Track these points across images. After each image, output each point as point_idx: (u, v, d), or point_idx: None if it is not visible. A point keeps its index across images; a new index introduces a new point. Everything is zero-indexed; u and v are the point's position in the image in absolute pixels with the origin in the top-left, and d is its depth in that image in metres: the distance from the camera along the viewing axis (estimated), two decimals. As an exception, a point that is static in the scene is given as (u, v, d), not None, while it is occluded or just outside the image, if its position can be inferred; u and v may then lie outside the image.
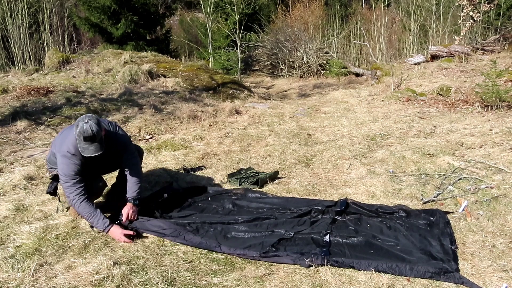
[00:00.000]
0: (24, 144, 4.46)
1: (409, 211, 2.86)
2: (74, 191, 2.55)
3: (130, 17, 12.34)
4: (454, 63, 9.35)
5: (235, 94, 7.71)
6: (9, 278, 2.14)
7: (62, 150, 2.59)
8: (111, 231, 2.56)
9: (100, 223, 2.57)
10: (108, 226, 2.57)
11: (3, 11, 10.96)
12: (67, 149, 2.57)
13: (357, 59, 15.12)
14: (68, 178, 2.56)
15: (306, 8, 17.38)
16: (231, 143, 4.86)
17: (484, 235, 2.59)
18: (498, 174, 3.50)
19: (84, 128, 2.42)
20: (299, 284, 2.15)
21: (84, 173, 2.64)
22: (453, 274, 2.14)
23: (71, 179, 2.56)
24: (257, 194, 3.26)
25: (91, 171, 2.73)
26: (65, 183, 2.57)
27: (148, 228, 2.63)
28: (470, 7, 9.92)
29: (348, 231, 2.61)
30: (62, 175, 2.58)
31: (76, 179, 2.57)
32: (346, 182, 3.60)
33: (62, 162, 2.57)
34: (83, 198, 2.56)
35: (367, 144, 4.75)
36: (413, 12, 13.53)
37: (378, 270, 2.21)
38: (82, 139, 2.44)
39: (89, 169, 2.68)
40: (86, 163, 2.62)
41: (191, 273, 2.25)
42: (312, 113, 6.75)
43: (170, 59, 9.53)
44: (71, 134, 2.57)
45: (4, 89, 6.31)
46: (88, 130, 2.42)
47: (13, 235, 2.60)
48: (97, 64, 8.16)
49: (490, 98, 5.70)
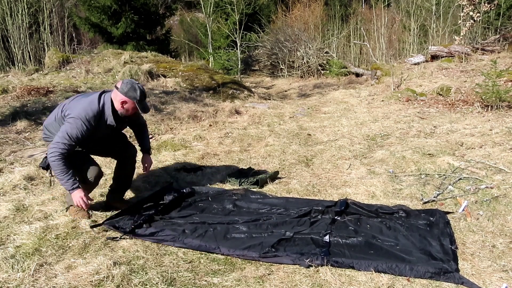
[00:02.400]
0: (24, 144, 4.46)
1: (409, 211, 2.86)
2: (60, 149, 2.51)
3: (130, 17, 12.34)
4: (454, 63, 9.35)
5: (235, 94, 7.71)
6: (9, 278, 2.14)
7: (79, 113, 2.58)
8: (74, 193, 2.59)
9: (70, 183, 2.57)
10: (75, 188, 2.59)
11: (3, 11, 10.96)
12: (85, 114, 2.58)
13: (357, 59, 15.12)
14: (66, 138, 2.53)
15: (306, 8, 17.39)
16: (231, 143, 4.86)
17: (484, 235, 2.59)
18: (498, 174, 3.50)
19: (141, 88, 2.67)
20: (299, 284, 2.15)
21: (89, 145, 2.73)
22: (453, 274, 2.14)
23: (68, 141, 2.53)
24: (258, 196, 3.26)
25: (96, 144, 2.82)
26: (59, 141, 2.52)
27: (145, 235, 2.61)
28: (470, 7, 9.92)
29: (347, 232, 2.61)
30: (62, 135, 2.53)
31: (72, 143, 2.56)
32: (346, 182, 3.60)
33: (72, 123, 2.55)
34: (62, 157, 2.52)
35: (367, 144, 4.75)
36: (413, 12, 13.54)
37: (378, 270, 2.21)
38: (143, 98, 2.68)
39: (95, 141, 2.77)
40: (97, 133, 2.70)
41: (191, 273, 2.25)
42: (312, 113, 6.75)
43: (170, 59, 9.53)
44: (93, 102, 2.63)
45: (4, 89, 6.31)
46: (143, 90, 2.68)
47: (13, 235, 2.60)
48: (97, 64, 8.16)
49: (490, 98, 5.70)
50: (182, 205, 3.07)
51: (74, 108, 2.65)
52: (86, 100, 2.69)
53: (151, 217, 2.79)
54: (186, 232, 2.61)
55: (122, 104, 2.69)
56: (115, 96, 2.69)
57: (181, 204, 3.08)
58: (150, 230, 2.62)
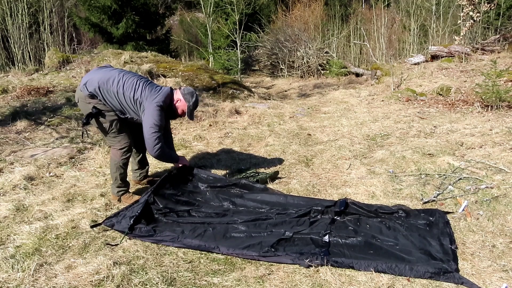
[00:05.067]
0: (24, 144, 4.46)
1: (408, 211, 2.86)
2: (161, 141, 2.94)
3: (131, 18, 12.34)
4: (454, 63, 9.35)
5: (235, 94, 7.71)
6: (9, 278, 2.14)
7: (156, 100, 2.91)
8: (180, 160, 3.26)
9: (174, 156, 3.21)
10: (178, 157, 3.25)
11: (3, 11, 10.97)
12: (161, 102, 2.92)
13: (357, 59, 15.12)
14: (159, 129, 2.89)
15: (306, 8, 17.41)
16: (231, 143, 4.86)
17: (484, 235, 2.59)
18: (498, 174, 3.50)
19: (197, 99, 3.11)
20: (299, 284, 2.15)
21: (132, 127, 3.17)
22: (452, 274, 2.14)
23: (160, 130, 2.91)
24: (257, 190, 3.23)
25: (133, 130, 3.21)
26: (156, 133, 2.89)
27: (144, 235, 2.61)
28: (470, 7, 9.91)
29: (347, 232, 2.61)
30: (155, 125, 2.87)
31: (161, 131, 2.95)
32: (346, 182, 3.60)
33: (157, 112, 2.89)
34: (163, 145, 2.97)
35: (367, 144, 4.75)
36: (413, 12, 13.54)
37: (378, 270, 2.21)
38: (195, 106, 3.13)
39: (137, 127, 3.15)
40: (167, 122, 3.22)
41: (191, 273, 2.25)
42: (312, 113, 6.75)
43: (170, 59, 9.52)
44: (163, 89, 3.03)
45: (4, 89, 6.31)
46: (198, 102, 3.14)
47: (13, 235, 2.61)
48: (97, 64, 8.16)
49: (490, 98, 5.70)
50: (183, 189, 3.13)
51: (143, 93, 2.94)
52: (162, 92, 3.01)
53: (151, 215, 2.79)
54: (185, 232, 2.60)
55: (177, 102, 3.08)
56: (176, 94, 3.11)
57: (183, 183, 3.17)
58: (149, 231, 2.62)
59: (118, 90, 2.92)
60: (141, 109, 2.95)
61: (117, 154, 3.07)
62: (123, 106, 2.96)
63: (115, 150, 3.08)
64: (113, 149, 3.11)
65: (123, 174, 3.12)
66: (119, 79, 2.95)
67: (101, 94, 2.91)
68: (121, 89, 2.92)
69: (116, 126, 3.01)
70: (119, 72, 3.02)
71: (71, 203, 3.12)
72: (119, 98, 2.93)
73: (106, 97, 2.92)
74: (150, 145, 2.92)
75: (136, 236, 2.59)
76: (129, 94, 2.93)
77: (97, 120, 2.97)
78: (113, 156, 3.09)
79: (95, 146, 4.44)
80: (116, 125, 3.01)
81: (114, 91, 2.92)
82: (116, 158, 3.07)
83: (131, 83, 2.95)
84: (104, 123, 2.98)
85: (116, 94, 2.92)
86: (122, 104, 2.95)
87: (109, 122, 2.98)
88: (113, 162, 3.09)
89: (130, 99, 2.93)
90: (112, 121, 2.99)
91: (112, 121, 2.99)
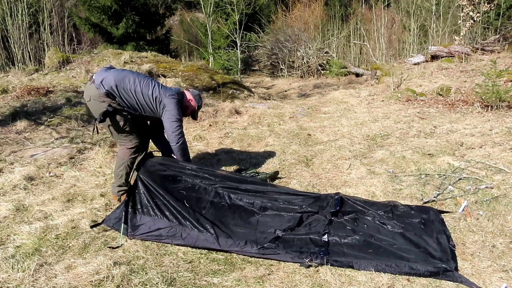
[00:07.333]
0: (24, 144, 4.46)
1: (400, 206, 2.85)
2: (184, 136, 3.14)
3: (131, 17, 12.33)
4: (454, 63, 9.35)
5: (235, 94, 7.71)
6: (9, 278, 2.14)
7: (175, 97, 3.09)
8: None
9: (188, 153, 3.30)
10: None
11: (3, 11, 10.97)
12: (179, 98, 3.15)
13: (357, 59, 15.12)
14: (180, 122, 3.10)
15: (306, 8, 17.40)
16: (231, 143, 4.86)
17: (484, 235, 2.59)
18: (498, 174, 3.50)
19: (202, 101, 3.42)
20: (299, 284, 2.15)
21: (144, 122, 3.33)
22: (452, 273, 2.15)
23: (182, 124, 3.12)
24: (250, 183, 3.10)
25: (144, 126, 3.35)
26: (180, 127, 3.09)
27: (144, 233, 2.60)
28: (470, 7, 9.93)
29: (345, 231, 2.61)
30: (178, 119, 3.07)
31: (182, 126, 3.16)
32: (346, 182, 3.60)
33: (177, 107, 3.08)
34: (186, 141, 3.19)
35: (367, 144, 4.75)
36: (413, 12, 13.54)
37: (377, 269, 2.21)
38: (199, 108, 3.40)
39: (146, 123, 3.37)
40: None
41: (191, 273, 2.25)
42: (312, 113, 6.75)
43: (170, 59, 9.52)
44: (176, 88, 3.24)
45: (4, 89, 6.31)
46: (202, 104, 3.44)
47: (13, 235, 2.61)
48: (97, 64, 8.16)
49: (490, 98, 5.70)
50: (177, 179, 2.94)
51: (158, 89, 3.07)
52: (176, 91, 3.19)
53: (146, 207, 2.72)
54: (183, 223, 2.58)
55: (189, 102, 3.30)
56: (187, 94, 3.31)
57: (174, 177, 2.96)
58: (146, 229, 2.60)
59: (135, 88, 2.99)
60: (160, 106, 3.05)
61: (126, 153, 3.09)
62: (140, 104, 3.02)
63: (124, 149, 3.10)
64: (122, 147, 3.12)
65: (129, 174, 3.13)
66: (134, 78, 3.03)
67: (118, 92, 2.95)
68: (138, 87, 3.00)
69: (129, 125, 3.06)
70: (132, 72, 3.12)
71: (71, 203, 3.12)
72: (137, 96, 2.99)
73: (123, 95, 2.97)
74: (174, 139, 3.08)
75: (135, 236, 2.58)
76: (147, 92, 3.02)
77: (112, 118, 2.99)
78: (122, 155, 3.11)
79: (95, 146, 4.44)
80: (130, 124, 3.06)
81: (132, 89, 2.98)
82: (125, 156, 3.09)
83: (147, 82, 3.07)
84: (120, 121, 3.02)
85: (134, 92, 2.98)
86: (139, 102, 3.01)
87: (123, 121, 3.02)
88: (121, 161, 3.10)
89: (148, 97, 3.02)
90: (126, 120, 3.03)
91: (126, 120, 3.03)
